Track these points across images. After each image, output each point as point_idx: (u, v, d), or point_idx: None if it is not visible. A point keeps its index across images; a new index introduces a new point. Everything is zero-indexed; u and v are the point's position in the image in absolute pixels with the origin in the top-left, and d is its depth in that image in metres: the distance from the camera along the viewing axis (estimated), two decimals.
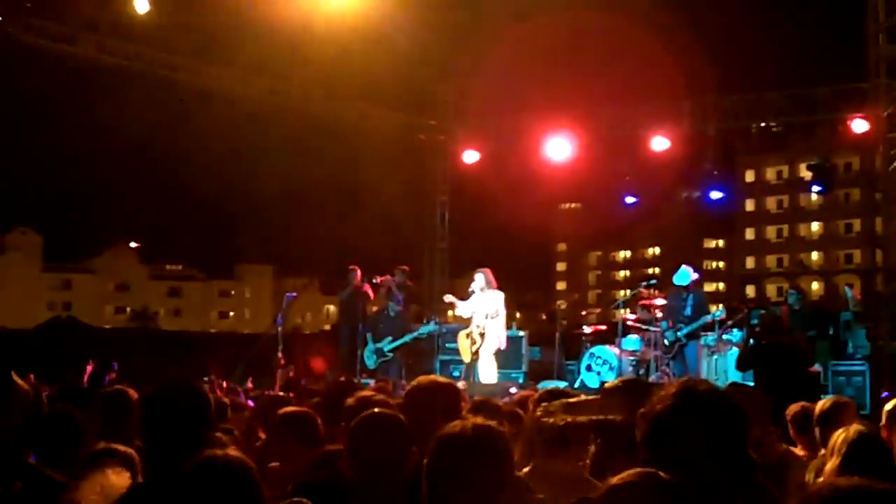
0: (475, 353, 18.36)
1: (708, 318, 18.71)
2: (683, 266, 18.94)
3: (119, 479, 4.61)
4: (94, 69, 22.13)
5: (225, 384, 15.63)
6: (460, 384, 11.42)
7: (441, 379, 5.76)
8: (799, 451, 7.41)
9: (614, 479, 3.05)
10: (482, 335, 18.27)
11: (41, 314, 78.52)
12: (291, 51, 20.91)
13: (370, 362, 19.94)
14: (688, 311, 18.36)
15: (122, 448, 5.13)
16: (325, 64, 21.75)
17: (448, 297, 19.25)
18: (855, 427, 5.58)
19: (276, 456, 6.00)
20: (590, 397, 5.15)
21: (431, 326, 20.63)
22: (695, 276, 18.81)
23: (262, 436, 8.63)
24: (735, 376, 16.59)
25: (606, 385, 5.24)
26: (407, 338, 20.04)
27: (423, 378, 5.68)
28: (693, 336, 18.43)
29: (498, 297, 18.37)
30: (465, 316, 18.56)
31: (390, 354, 19.95)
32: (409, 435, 4.63)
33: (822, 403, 7.34)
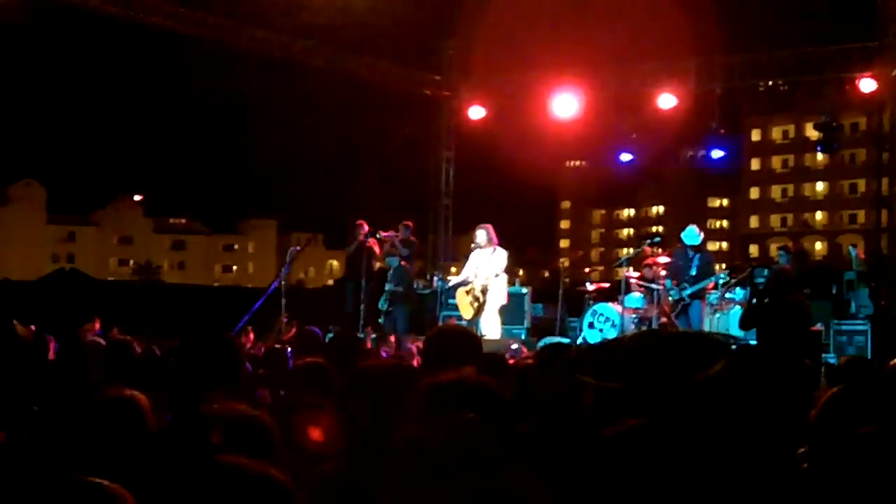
0: (477, 310, 18.40)
1: (712, 280, 18.72)
2: (691, 225, 18.92)
3: None
4: (101, 21, 22.03)
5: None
6: None
7: (459, 327, 5.76)
8: None
9: (606, 432, 3.08)
10: (484, 292, 18.30)
11: (45, 266, 78.69)
12: (297, 5, 20.83)
13: (381, 319, 20.06)
14: (693, 271, 18.35)
15: (133, 393, 5.13)
16: (330, 18, 21.68)
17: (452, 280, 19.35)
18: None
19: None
20: (609, 341, 5.14)
21: (395, 261, 20.50)
22: (702, 235, 18.80)
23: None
24: (737, 335, 16.61)
25: (627, 336, 5.22)
26: (387, 287, 20.12)
27: (443, 326, 5.69)
28: (697, 296, 18.43)
29: (502, 256, 18.40)
30: (468, 277, 18.60)
31: (385, 306, 20.02)
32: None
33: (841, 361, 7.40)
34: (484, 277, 18.25)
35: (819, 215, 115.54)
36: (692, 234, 18.65)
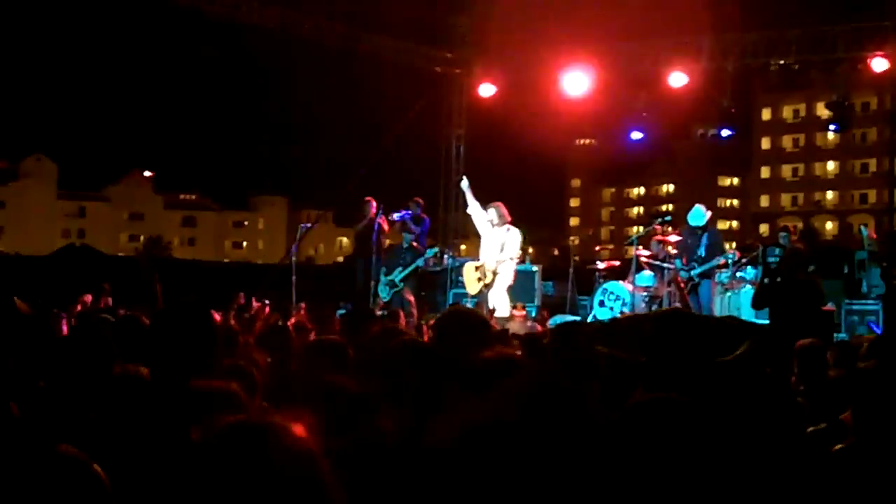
0: (485, 287, 18.37)
1: (721, 259, 18.63)
2: (697, 205, 18.84)
3: None
4: None
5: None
6: None
7: (468, 309, 5.78)
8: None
9: (635, 399, 3.09)
10: (495, 273, 18.25)
11: (56, 241, 78.84)
12: None
13: (384, 294, 19.95)
14: (702, 251, 18.27)
15: (138, 369, 5.14)
16: None
17: (464, 182, 19.00)
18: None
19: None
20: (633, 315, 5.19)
21: (433, 251, 20.48)
22: (708, 214, 18.70)
23: None
24: (748, 314, 16.59)
25: (653, 312, 5.21)
26: (413, 265, 20.00)
27: (451, 308, 5.73)
28: (706, 275, 18.37)
29: (517, 235, 18.32)
30: (473, 214, 18.44)
31: (401, 284, 19.94)
32: (437, 363, 4.65)
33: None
34: (497, 256, 18.20)
35: (830, 195, 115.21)
36: (698, 215, 18.56)
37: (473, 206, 18.38)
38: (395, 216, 20.51)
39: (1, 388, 4.21)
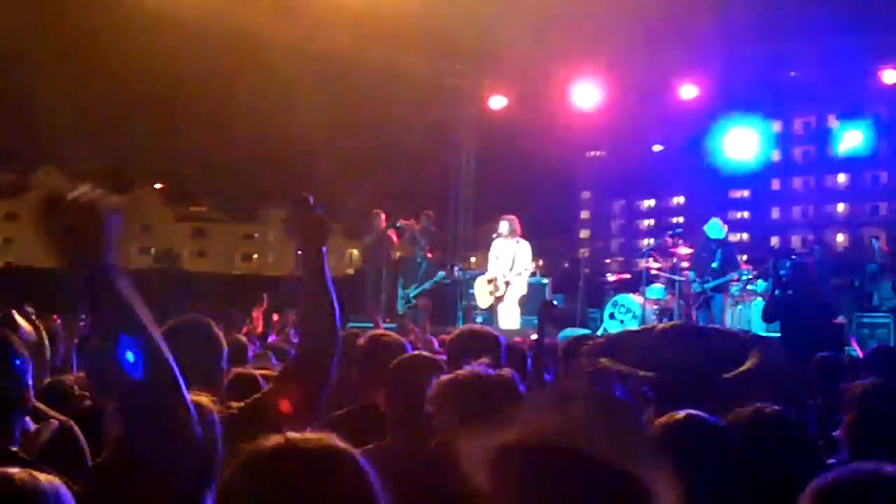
0: (496, 300, 18.41)
1: (734, 275, 18.58)
2: (714, 218, 18.79)
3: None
4: (122, 8, 22.02)
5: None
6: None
7: (482, 328, 5.78)
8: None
9: (663, 419, 3.10)
10: (507, 284, 18.27)
11: None
12: None
13: (400, 307, 19.98)
14: (715, 264, 18.24)
15: None
16: (352, 7, 21.63)
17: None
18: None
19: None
20: (637, 329, 5.15)
21: (441, 275, 20.47)
22: (725, 228, 18.68)
23: None
24: (759, 326, 16.54)
25: (659, 327, 5.17)
26: (426, 284, 20.00)
27: (465, 328, 5.73)
28: (719, 289, 18.33)
29: (527, 249, 18.35)
30: (492, 268, 18.63)
31: (413, 301, 19.95)
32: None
33: None
34: (508, 270, 18.23)
35: (841, 207, 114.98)
36: (716, 228, 18.53)
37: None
38: (402, 222, 20.52)
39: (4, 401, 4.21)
